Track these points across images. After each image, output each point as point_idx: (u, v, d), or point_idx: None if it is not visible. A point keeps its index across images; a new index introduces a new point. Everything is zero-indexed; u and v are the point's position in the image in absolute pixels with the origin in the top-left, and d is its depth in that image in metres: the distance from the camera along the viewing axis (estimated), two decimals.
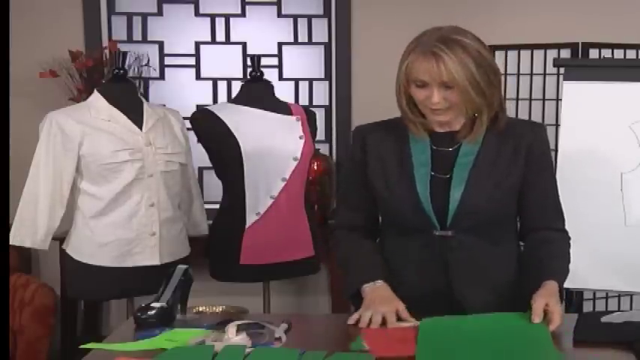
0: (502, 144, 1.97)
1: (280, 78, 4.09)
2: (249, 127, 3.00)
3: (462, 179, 1.94)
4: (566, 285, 2.89)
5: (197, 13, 4.09)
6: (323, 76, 4.14)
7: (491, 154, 1.96)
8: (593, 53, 3.41)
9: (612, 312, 1.90)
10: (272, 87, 3.17)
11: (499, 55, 3.53)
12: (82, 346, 1.78)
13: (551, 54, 3.44)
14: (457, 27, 1.91)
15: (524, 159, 1.97)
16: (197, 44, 4.11)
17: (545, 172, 2.01)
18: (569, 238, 2.05)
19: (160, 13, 4.09)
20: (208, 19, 4.10)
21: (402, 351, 1.67)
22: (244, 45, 4.10)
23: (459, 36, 1.86)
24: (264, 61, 3.24)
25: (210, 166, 3.16)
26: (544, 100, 3.53)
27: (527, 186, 1.98)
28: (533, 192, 1.99)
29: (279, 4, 4.10)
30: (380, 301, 1.88)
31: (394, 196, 1.97)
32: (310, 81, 4.15)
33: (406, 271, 1.99)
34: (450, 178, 1.94)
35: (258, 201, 3.00)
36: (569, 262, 2.01)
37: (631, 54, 3.51)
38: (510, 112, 3.53)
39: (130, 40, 4.06)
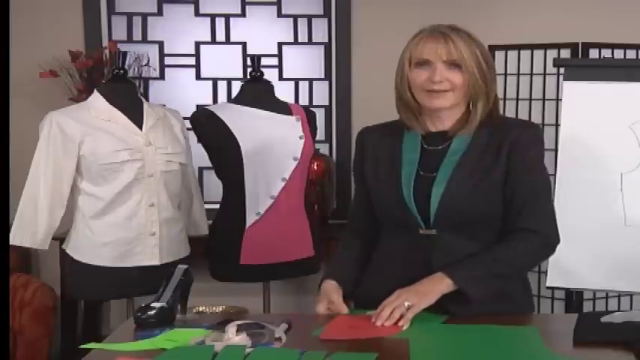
0: (490, 143, 1.98)
1: (280, 78, 4.08)
2: (249, 127, 3.00)
3: (445, 177, 1.95)
4: (566, 285, 2.94)
5: (197, 13, 4.09)
6: (323, 76, 4.14)
7: (478, 152, 1.97)
8: (593, 53, 3.40)
9: (612, 312, 1.90)
10: (272, 87, 3.18)
11: (499, 55, 3.52)
12: (82, 346, 1.79)
13: (551, 54, 3.44)
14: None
15: (506, 157, 1.95)
16: (197, 44, 4.11)
17: (527, 172, 1.96)
18: (542, 240, 1.99)
19: (160, 13, 4.09)
20: (208, 19, 4.10)
21: (351, 335, 1.79)
22: (244, 45, 4.10)
23: (462, 28, 1.97)
24: (264, 61, 3.25)
25: (210, 166, 3.16)
26: (544, 100, 3.52)
27: (507, 185, 1.95)
28: (512, 191, 1.95)
29: (279, 4, 4.10)
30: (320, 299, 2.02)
31: (381, 195, 2.02)
32: (310, 81, 4.15)
33: (392, 267, 2.01)
34: (435, 176, 1.96)
35: (258, 201, 3.00)
36: (515, 259, 1.96)
37: (631, 54, 3.51)
38: (510, 112, 3.55)
39: (130, 40, 4.06)
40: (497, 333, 1.80)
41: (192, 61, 4.12)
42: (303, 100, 4.08)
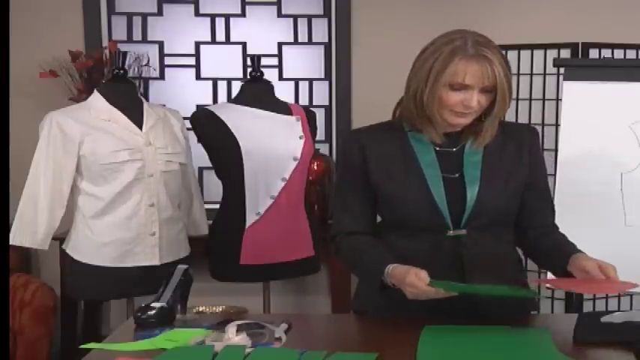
0: (504, 144, 2.00)
1: (280, 78, 4.08)
2: (249, 127, 3.00)
3: (475, 178, 1.95)
4: None
5: (197, 13, 4.09)
6: (323, 76, 4.14)
7: (496, 153, 1.99)
8: (593, 53, 3.40)
9: (612, 312, 1.90)
10: (272, 87, 3.18)
11: None
12: (82, 346, 1.79)
13: (551, 54, 3.44)
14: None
15: (528, 159, 2.01)
16: (197, 44, 4.11)
17: (542, 172, 2.06)
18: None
19: (160, 13, 4.09)
20: (208, 19, 4.10)
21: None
22: (244, 45, 4.10)
23: (491, 41, 1.90)
24: (264, 61, 3.25)
25: (210, 166, 3.16)
26: (544, 100, 3.52)
27: (528, 185, 2.01)
28: (534, 191, 2.02)
29: (279, 4, 4.10)
30: (402, 281, 1.82)
31: (407, 198, 1.95)
32: (310, 81, 4.15)
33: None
34: (461, 177, 1.95)
35: (258, 201, 3.00)
36: None
37: (631, 54, 3.51)
38: (510, 112, 3.53)
39: (130, 40, 4.06)
40: (508, 334, 1.79)
41: (192, 61, 4.12)
42: (303, 100, 4.08)
